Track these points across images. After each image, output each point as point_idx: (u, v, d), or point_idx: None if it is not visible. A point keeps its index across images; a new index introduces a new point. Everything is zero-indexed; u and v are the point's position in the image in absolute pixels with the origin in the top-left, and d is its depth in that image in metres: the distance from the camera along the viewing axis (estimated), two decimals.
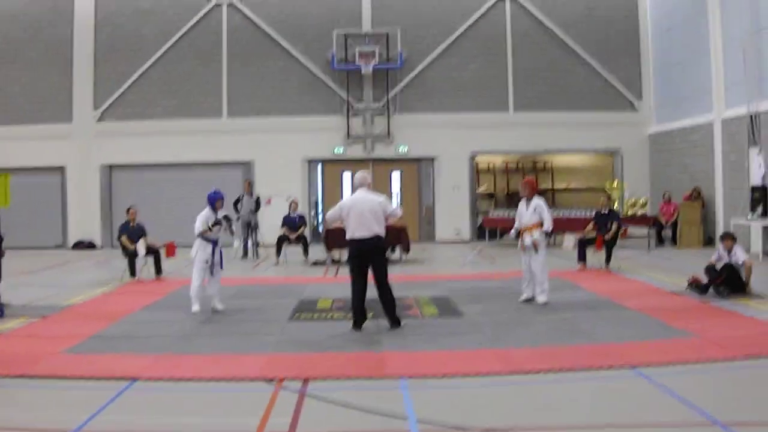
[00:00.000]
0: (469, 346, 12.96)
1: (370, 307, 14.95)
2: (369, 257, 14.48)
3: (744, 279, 17.53)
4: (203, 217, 16.98)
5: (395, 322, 14.60)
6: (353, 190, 15.14)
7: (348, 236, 14.60)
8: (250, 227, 29.21)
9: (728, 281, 17.52)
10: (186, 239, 24.10)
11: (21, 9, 36.25)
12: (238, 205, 28.96)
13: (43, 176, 36.17)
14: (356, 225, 14.40)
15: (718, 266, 17.67)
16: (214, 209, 17.15)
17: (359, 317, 14.61)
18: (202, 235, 16.91)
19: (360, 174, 15.24)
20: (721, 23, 29.44)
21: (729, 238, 18.08)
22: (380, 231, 14.45)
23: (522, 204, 17.53)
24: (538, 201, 17.29)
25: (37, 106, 36.08)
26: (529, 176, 19.59)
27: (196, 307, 16.57)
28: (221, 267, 17.29)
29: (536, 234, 17.10)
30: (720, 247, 18.22)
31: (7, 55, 36.25)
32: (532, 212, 17.25)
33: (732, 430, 8.29)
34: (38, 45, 36.18)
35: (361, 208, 14.44)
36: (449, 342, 13.29)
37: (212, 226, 16.81)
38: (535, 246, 17.09)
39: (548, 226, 17.11)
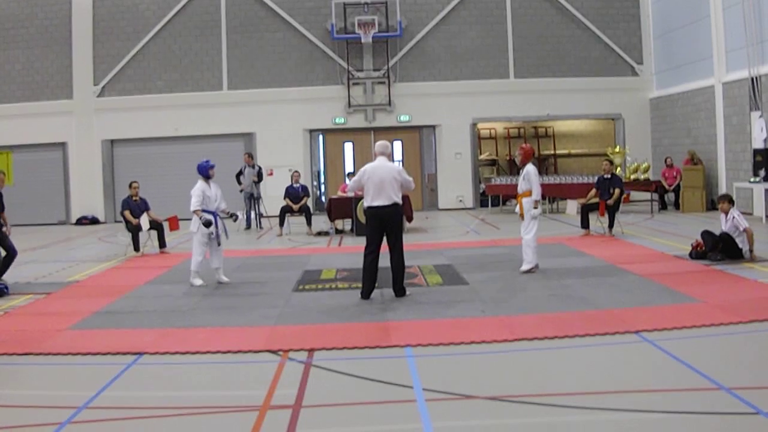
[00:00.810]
0: (474, 314, 12.98)
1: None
2: (386, 224, 14.59)
3: (741, 246, 17.40)
4: (198, 190, 16.91)
5: (401, 290, 14.70)
6: (374, 157, 15.18)
7: (366, 203, 14.71)
8: (253, 199, 29.24)
9: (724, 250, 17.40)
10: (188, 213, 24.11)
11: None
12: (241, 177, 28.98)
13: (45, 153, 36.18)
14: (375, 193, 14.50)
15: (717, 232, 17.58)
16: (208, 179, 17.14)
17: (369, 286, 14.72)
18: (207, 200, 16.91)
19: (381, 143, 15.42)
20: None
21: (725, 200, 17.74)
22: (398, 199, 14.61)
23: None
24: (528, 168, 17.20)
25: (37, 84, 36.08)
26: (525, 143, 19.42)
27: (198, 281, 16.59)
28: (227, 237, 17.31)
29: (525, 202, 17.12)
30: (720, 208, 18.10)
31: (6, 34, 36.17)
32: (521, 180, 17.25)
33: (736, 394, 8.29)
34: (37, 22, 36.10)
35: (381, 175, 14.55)
36: (454, 310, 13.31)
37: (206, 225, 16.71)
38: (521, 214, 17.17)
39: (536, 194, 17.06)
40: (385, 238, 14.71)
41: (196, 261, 16.80)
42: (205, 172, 17.17)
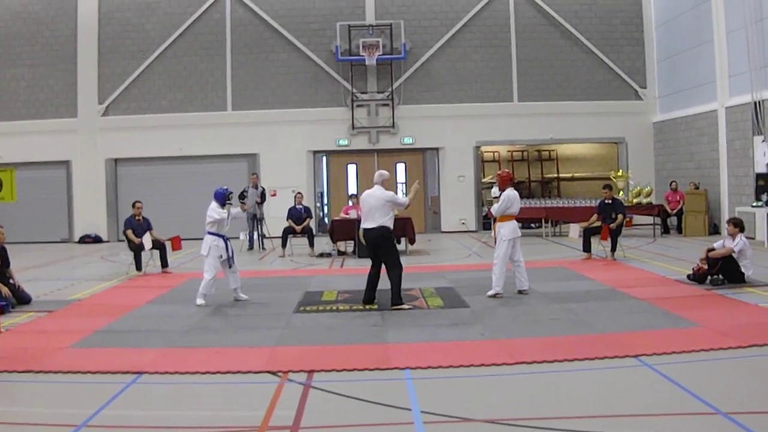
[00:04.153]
0: (474, 337, 12.98)
1: (377, 300, 16.09)
2: (376, 244, 16.13)
3: (744, 270, 17.44)
4: (216, 207, 17.21)
5: (393, 300, 15.71)
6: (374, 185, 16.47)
7: (361, 226, 16.47)
8: (256, 219, 29.30)
9: (724, 271, 17.48)
10: (192, 233, 24.22)
11: (25, 4, 36.32)
12: (244, 199, 29.10)
13: (49, 170, 36.32)
14: (364, 217, 16.33)
15: (718, 252, 17.62)
16: (222, 206, 17.29)
17: (367, 295, 16.27)
18: (220, 223, 17.20)
19: (378, 172, 16.75)
20: (725, 12, 29.46)
21: (734, 224, 17.85)
22: (384, 222, 16.04)
23: None
24: (509, 193, 17.17)
25: (41, 102, 36.26)
26: (501, 169, 19.54)
27: (201, 301, 16.65)
28: (233, 261, 17.39)
29: (499, 227, 17.17)
30: (726, 231, 18.15)
31: (11, 51, 36.38)
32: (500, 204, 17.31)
33: (734, 419, 8.31)
34: (42, 40, 36.30)
35: (370, 202, 16.14)
36: (454, 333, 13.33)
37: (239, 197, 17.42)
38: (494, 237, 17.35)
39: (494, 211, 17.48)
40: None
41: (205, 282, 16.87)
42: (222, 199, 17.33)
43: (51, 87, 36.31)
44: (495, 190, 17.50)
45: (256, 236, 29.53)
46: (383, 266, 16.20)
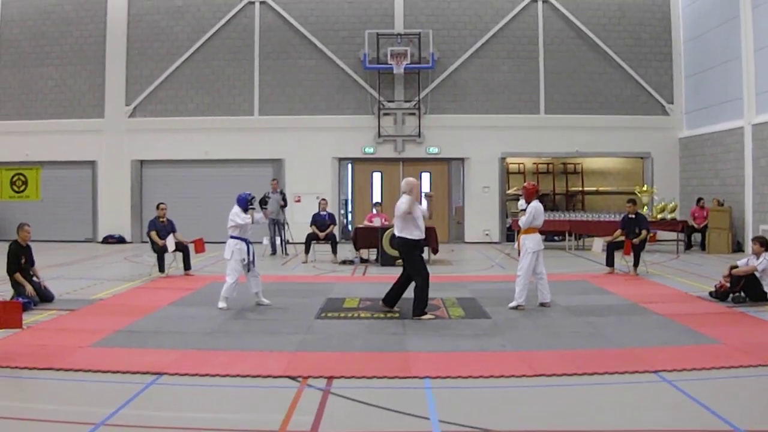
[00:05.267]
0: (494, 348, 12.95)
1: (399, 308, 16.35)
2: (400, 252, 16.57)
3: (767, 290, 17.36)
4: (238, 212, 17.39)
5: (414, 311, 15.79)
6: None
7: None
8: (278, 224, 29.32)
9: (746, 289, 17.41)
10: (215, 236, 24.26)
11: (54, 5, 36.55)
12: (266, 204, 29.11)
13: (75, 170, 36.58)
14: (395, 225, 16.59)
15: (741, 270, 17.53)
16: (245, 211, 17.35)
17: (387, 297, 16.60)
18: (243, 227, 17.40)
19: (404, 180, 16.69)
20: (753, 29, 29.37)
21: (760, 243, 17.71)
22: (403, 234, 16.23)
23: None
24: (534, 205, 17.17)
25: (69, 101, 36.49)
26: (526, 182, 19.51)
27: (222, 304, 16.69)
28: (254, 265, 17.41)
29: (524, 239, 17.15)
30: (750, 249, 18.05)
31: (40, 50, 36.65)
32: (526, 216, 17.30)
33: None
34: (71, 40, 36.56)
35: (395, 213, 16.41)
36: (474, 343, 13.31)
37: (260, 201, 17.61)
38: (518, 249, 17.34)
39: (521, 223, 17.41)
40: None
41: (227, 285, 16.92)
42: (245, 204, 17.41)
43: (79, 87, 36.54)
44: (522, 203, 17.41)
45: (278, 241, 29.52)
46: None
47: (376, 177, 37.10)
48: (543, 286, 17.12)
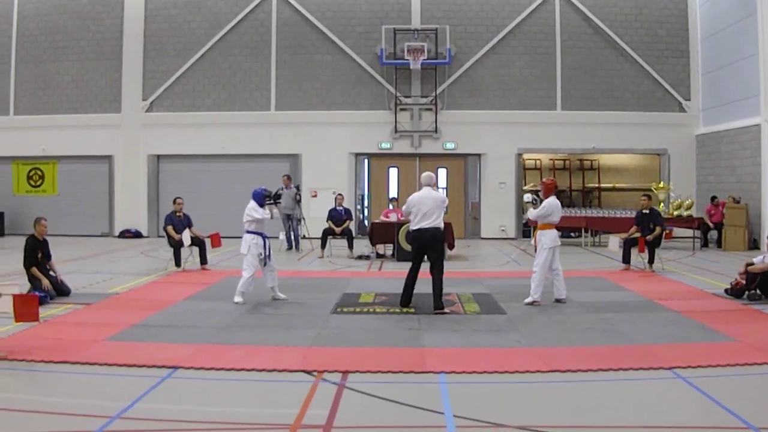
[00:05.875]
0: (509, 344, 12.97)
1: (413, 304, 16.20)
2: (428, 245, 16.19)
3: None
4: (255, 206, 17.38)
5: (438, 305, 15.76)
6: (420, 187, 16.75)
7: (412, 227, 16.43)
8: (292, 219, 29.33)
9: (762, 286, 17.34)
10: (231, 231, 24.32)
11: (71, 1, 36.69)
12: (279, 199, 29.13)
13: (91, 165, 36.66)
14: (422, 217, 16.16)
15: (757, 267, 17.48)
16: (261, 206, 17.36)
17: (405, 298, 16.32)
18: (259, 222, 17.42)
19: (426, 174, 16.80)
20: None
21: None
22: (439, 224, 16.20)
23: None
24: (551, 201, 17.19)
25: (86, 96, 36.61)
26: (545, 178, 19.53)
27: (239, 299, 16.74)
28: (270, 259, 17.44)
29: (540, 235, 17.15)
30: (766, 246, 17.99)
31: (57, 46, 36.73)
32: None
33: None
34: (88, 35, 36.65)
35: (428, 203, 16.17)
36: (489, 339, 13.33)
37: (273, 197, 17.99)
38: (534, 245, 17.35)
39: (530, 215, 17.66)
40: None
41: (244, 280, 16.96)
42: (261, 199, 17.41)
43: (95, 82, 36.64)
44: (527, 196, 17.50)
45: (292, 236, 29.53)
46: (420, 270, 16.33)
47: (393, 172, 37.10)
48: (559, 282, 17.13)
